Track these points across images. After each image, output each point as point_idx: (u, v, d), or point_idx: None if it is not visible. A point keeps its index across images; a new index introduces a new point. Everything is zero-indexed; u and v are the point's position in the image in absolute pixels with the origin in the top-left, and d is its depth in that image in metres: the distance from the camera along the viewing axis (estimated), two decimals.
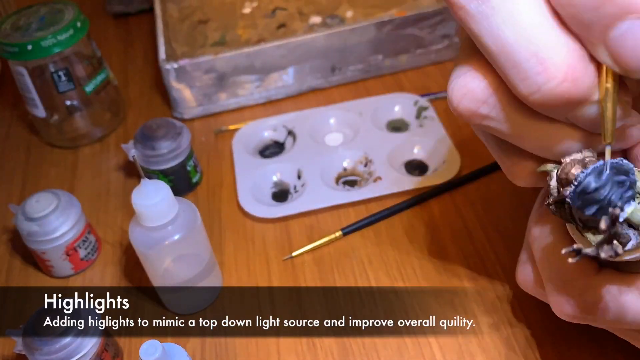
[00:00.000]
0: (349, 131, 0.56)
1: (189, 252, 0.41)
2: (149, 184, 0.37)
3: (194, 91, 0.57)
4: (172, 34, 0.64)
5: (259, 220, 0.49)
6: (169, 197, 0.38)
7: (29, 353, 0.35)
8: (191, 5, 0.70)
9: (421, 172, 0.51)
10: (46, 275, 0.47)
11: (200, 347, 0.41)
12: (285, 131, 0.56)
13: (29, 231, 0.44)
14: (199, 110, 0.59)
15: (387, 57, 0.60)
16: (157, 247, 0.39)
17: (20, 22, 0.54)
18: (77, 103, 0.57)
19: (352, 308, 0.42)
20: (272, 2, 0.68)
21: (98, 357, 0.37)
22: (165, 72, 0.56)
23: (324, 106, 0.58)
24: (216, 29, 0.66)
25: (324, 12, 0.66)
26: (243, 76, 0.58)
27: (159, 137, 0.49)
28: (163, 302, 0.43)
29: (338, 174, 0.52)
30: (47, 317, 0.36)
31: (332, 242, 0.46)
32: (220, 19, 0.67)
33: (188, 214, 0.40)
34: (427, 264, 0.44)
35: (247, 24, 0.66)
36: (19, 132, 0.63)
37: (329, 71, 0.60)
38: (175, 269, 0.41)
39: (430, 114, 0.55)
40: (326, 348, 0.40)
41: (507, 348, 0.38)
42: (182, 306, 0.43)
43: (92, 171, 0.56)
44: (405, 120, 0.56)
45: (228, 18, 0.67)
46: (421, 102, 0.56)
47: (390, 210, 0.47)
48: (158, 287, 0.42)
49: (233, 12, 0.68)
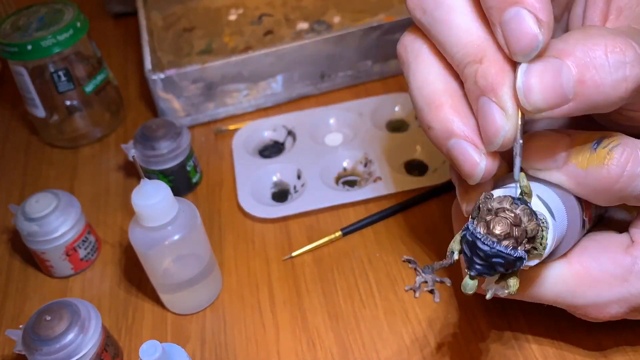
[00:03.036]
0: (349, 131, 0.56)
1: (189, 252, 0.41)
2: (148, 184, 0.37)
3: (182, 101, 0.57)
4: (157, 43, 0.63)
5: (258, 220, 0.49)
6: (169, 197, 0.38)
7: (29, 353, 0.35)
8: (175, 12, 0.69)
9: (421, 172, 0.51)
10: (46, 275, 0.47)
11: (200, 347, 0.41)
12: (285, 131, 0.56)
13: (28, 231, 0.44)
14: (187, 120, 0.58)
15: (376, 63, 0.60)
16: (157, 248, 0.39)
17: (20, 22, 0.54)
18: (77, 103, 0.57)
19: (352, 308, 0.42)
20: (258, 9, 0.68)
21: (98, 357, 0.37)
22: (152, 82, 0.55)
23: (324, 106, 0.58)
24: (202, 36, 0.65)
25: (311, 18, 0.65)
26: (231, 85, 0.57)
27: (159, 137, 0.49)
28: (163, 302, 0.43)
29: (338, 174, 0.52)
30: (47, 317, 0.36)
31: (332, 242, 0.46)
32: (206, 27, 0.66)
33: (188, 214, 0.40)
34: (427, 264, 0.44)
35: (233, 31, 0.65)
36: (19, 132, 0.63)
37: (319, 78, 0.59)
38: (175, 269, 0.41)
39: None
40: (326, 348, 0.40)
41: (506, 348, 0.38)
42: (181, 306, 0.43)
43: (92, 171, 0.56)
44: (405, 120, 0.56)
45: (213, 25, 0.66)
46: None
47: (390, 210, 0.48)
48: (158, 287, 0.42)
49: (218, 19, 0.67)
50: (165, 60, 0.61)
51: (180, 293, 0.42)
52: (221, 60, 0.56)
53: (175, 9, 0.70)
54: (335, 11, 0.66)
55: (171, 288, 0.42)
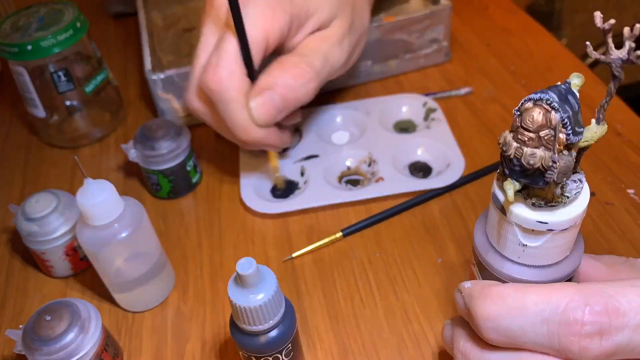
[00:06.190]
0: (356, 130, 0.56)
1: (139, 250, 0.41)
2: (92, 184, 0.37)
3: (182, 101, 0.57)
4: (157, 43, 0.63)
5: (260, 215, 0.49)
6: (114, 195, 0.38)
7: (29, 353, 0.35)
8: (175, 13, 0.69)
9: (425, 174, 0.51)
10: (46, 275, 0.47)
11: (200, 347, 0.41)
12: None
13: (28, 231, 0.44)
14: (187, 120, 0.58)
15: (376, 63, 0.60)
16: (108, 246, 0.39)
17: (20, 22, 0.54)
18: (77, 103, 0.57)
19: (352, 308, 0.42)
20: None
21: (98, 357, 0.37)
22: (152, 82, 0.55)
23: (332, 104, 0.58)
24: None
25: None
26: None
27: (159, 137, 0.49)
28: (116, 300, 0.44)
29: (342, 172, 0.52)
30: (47, 317, 0.36)
31: (332, 243, 0.46)
32: None
33: (134, 211, 0.40)
34: (427, 264, 0.44)
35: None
36: (19, 132, 0.63)
37: None
38: (126, 267, 0.41)
39: (438, 116, 0.55)
40: (326, 348, 0.40)
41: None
42: (135, 304, 0.44)
43: (92, 171, 0.56)
44: (413, 122, 0.56)
45: None
46: (430, 104, 0.56)
47: (390, 211, 0.47)
48: (110, 286, 0.43)
49: None
50: (165, 60, 0.61)
51: (133, 291, 0.42)
52: None
53: (175, 9, 0.70)
54: None
55: (124, 287, 0.42)
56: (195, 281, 0.45)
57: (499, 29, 0.67)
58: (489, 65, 0.62)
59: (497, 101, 0.58)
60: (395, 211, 0.48)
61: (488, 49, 0.65)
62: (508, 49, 0.64)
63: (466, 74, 0.61)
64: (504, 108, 0.57)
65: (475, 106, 0.57)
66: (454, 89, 0.59)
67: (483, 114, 0.56)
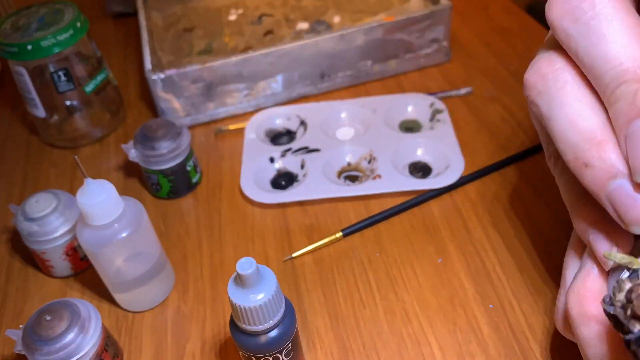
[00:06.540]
0: (361, 127, 0.56)
1: (139, 250, 0.41)
2: (92, 184, 0.37)
3: (182, 101, 0.57)
4: (157, 43, 0.63)
5: (259, 205, 0.49)
6: (114, 195, 0.38)
7: (29, 353, 0.35)
8: (176, 13, 0.69)
9: (424, 175, 0.51)
10: (46, 275, 0.47)
11: (200, 347, 0.41)
12: (298, 121, 0.56)
13: (28, 231, 0.44)
14: (187, 120, 0.58)
15: (376, 63, 0.60)
16: (108, 246, 0.39)
17: (20, 22, 0.54)
18: (77, 103, 0.57)
19: (352, 308, 0.42)
20: (258, 9, 0.68)
21: (98, 357, 0.37)
22: (152, 82, 0.55)
23: (339, 100, 0.58)
24: (202, 37, 0.65)
25: (311, 18, 0.65)
26: (231, 85, 0.57)
27: (159, 137, 0.49)
28: (116, 300, 0.44)
29: (342, 167, 0.52)
30: (47, 317, 0.36)
31: (332, 242, 0.46)
32: (206, 27, 0.66)
33: (134, 210, 0.40)
34: (427, 264, 0.44)
35: (233, 31, 0.65)
36: (19, 132, 0.63)
37: (318, 78, 0.59)
38: (126, 267, 0.41)
39: (443, 118, 0.54)
40: (326, 348, 0.40)
41: (506, 348, 0.38)
42: (135, 304, 0.44)
43: (92, 171, 0.56)
44: (419, 122, 0.56)
45: (214, 25, 0.66)
46: (437, 105, 0.56)
47: (390, 211, 0.47)
48: (110, 286, 0.42)
49: (218, 20, 0.67)
50: (165, 60, 0.61)
51: (133, 291, 0.42)
52: (221, 60, 0.56)
53: (175, 9, 0.70)
54: (335, 11, 0.66)
55: (124, 286, 0.42)
56: (195, 281, 0.45)
57: (499, 29, 0.67)
58: (489, 65, 0.62)
59: (497, 101, 0.58)
60: (395, 211, 0.48)
61: (488, 49, 0.65)
62: (508, 49, 0.64)
63: (466, 74, 0.61)
64: (504, 108, 0.57)
65: (475, 106, 0.57)
66: (454, 89, 0.59)
67: (483, 114, 0.56)
